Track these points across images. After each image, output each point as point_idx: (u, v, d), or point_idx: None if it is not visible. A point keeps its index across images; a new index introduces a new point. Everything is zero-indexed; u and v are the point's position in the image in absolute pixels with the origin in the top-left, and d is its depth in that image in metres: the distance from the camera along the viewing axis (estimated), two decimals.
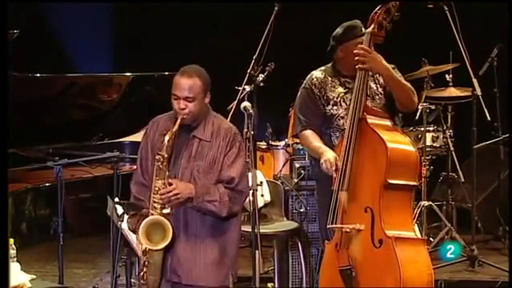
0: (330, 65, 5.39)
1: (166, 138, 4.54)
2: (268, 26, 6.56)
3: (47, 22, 8.92)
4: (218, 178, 4.62)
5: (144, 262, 4.51)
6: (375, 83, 5.30)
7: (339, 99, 5.30)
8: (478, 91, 6.56)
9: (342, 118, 5.27)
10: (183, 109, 4.58)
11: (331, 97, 5.31)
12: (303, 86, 5.39)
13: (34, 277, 5.16)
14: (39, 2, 8.81)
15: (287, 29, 7.11)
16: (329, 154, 5.06)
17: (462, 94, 7.27)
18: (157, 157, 4.55)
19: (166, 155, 4.53)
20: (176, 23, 8.83)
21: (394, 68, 5.36)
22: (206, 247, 4.62)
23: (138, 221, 4.62)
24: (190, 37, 8.79)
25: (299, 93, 5.42)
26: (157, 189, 4.53)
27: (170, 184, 4.52)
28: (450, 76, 7.36)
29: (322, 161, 5.07)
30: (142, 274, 4.52)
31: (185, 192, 4.52)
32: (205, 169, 4.61)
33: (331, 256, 5.08)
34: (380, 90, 5.31)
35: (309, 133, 5.30)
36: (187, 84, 4.58)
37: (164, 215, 4.52)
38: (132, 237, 5.01)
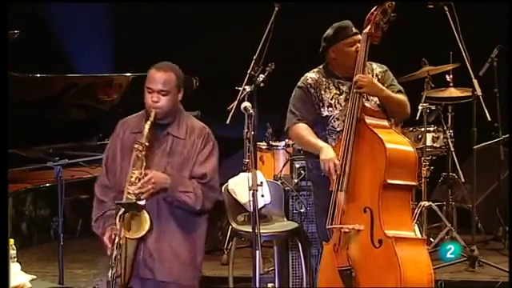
0: (322, 66, 5.40)
1: (146, 126, 4.56)
2: (268, 26, 6.56)
3: (47, 22, 8.91)
4: (190, 174, 4.65)
5: (115, 256, 4.50)
6: None
7: (334, 100, 5.30)
8: (479, 92, 6.56)
9: (338, 119, 5.27)
10: (156, 101, 4.61)
11: (326, 98, 5.31)
12: (298, 85, 5.39)
13: (34, 277, 5.16)
14: (39, 2, 8.81)
15: (287, 29, 7.10)
16: (329, 153, 5.06)
17: (463, 95, 7.26)
18: (135, 145, 4.55)
19: (145, 143, 4.55)
20: (176, 23, 8.83)
21: (386, 70, 5.37)
22: (178, 244, 4.64)
23: (103, 223, 4.64)
24: (189, 37, 8.79)
25: (294, 92, 5.41)
26: (133, 179, 4.53)
27: (146, 175, 4.53)
28: (451, 76, 7.36)
29: (322, 158, 5.06)
30: (114, 269, 4.51)
31: (161, 181, 4.54)
32: (178, 165, 4.64)
33: (330, 257, 5.08)
34: None
35: (304, 126, 5.29)
36: (162, 77, 4.63)
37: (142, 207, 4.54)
38: None
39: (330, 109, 5.30)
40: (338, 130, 5.24)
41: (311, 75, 5.37)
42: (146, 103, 4.66)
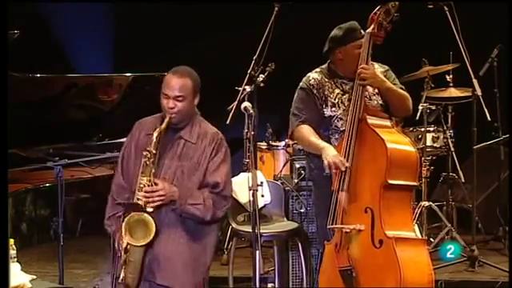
0: (325, 66, 5.39)
1: (155, 134, 4.56)
2: (268, 26, 6.56)
3: (47, 22, 8.91)
4: (202, 182, 4.64)
5: (124, 260, 4.50)
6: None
7: (337, 100, 5.30)
8: (479, 91, 6.56)
9: (341, 119, 5.26)
10: (172, 108, 4.61)
11: (329, 98, 5.31)
12: (301, 86, 5.38)
13: (34, 277, 5.15)
14: (39, 2, 8.81)
15: (287, 29, 7.10)
16: (331, 151, 5.05)
17: (463, 95, 7.27)
18: (144, 152, 4.56)
19: (153, 151, 4.55)
20: (176, 23, 8.83)
21: (388, 70, 5.38)
22: (184, 249, 4.63)
23: (116, 222, 4.65)
24: (189, 37, 8.79)
25: (296, 93, 5.41)
26: (141, 186, 4.54)
27: (156, 184, 4.53)
28: (451, 76, 7.36)
29: (326, 158, 5.04)
30: (120, 272, 4.51)
31: (169, 193, 4.54)
32: (189, 170, 4.64)
33: (331, 256, 5.09)
34: (376, 90, 5.30)
35: (306, 127, 5.28)
36: (178, 83, 4.63)
37: (147, 213, 4.53)
38: None
39: (334, 109, 5.30)
40: (342, 129, 5.24)
41: (314, 76, 5.37)
42: (163, 108, 4.66)
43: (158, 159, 4.60)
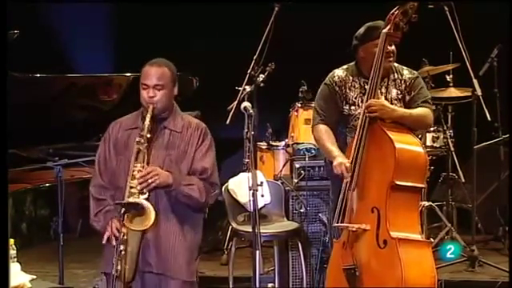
0: (353, 63, 5.42)
1: (147, 119, 4.58)
2: (268, 26, 6.56)
3: (47, 22, 8.91)
4: (189, 169, 4.66)
5: (120, 251, 4.50)
6: (396, 88, 5.33)
7: (357, 99, 5.32)
8: (479, 91, 6.56)
9: (359, 118, 5.26)
10: (153, 96, 4.63)
11: (350, 96, 5.34)
12: (325, 82, 5.43)
13: (35, 277, 5.15)
14: (39, 2, 8.80)
15: (287, 29, 7.10)
16: (341, 159, 5.08)
17: (463, 95, 7.27)
18: (137, 139, 4.57)
19: (147, 135, 4.57)
20: (176, 23, 8.82)
21: (416, 77, 5.39)
22: (176, 240, 4.64)
23: (104, 218, 4.66)
24: (190, 37, 8.79)
25: (320, 88, 5.45)
26: (135, 173, 4.54)
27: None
28: (451, 76, 7.36)
29: (335, 164, 5.08)
30: (116, 265, 4.50)
31: (163, 175, 4.55)
32: (176, 158, 4.65)
33: (337, 255, 5.10)
34: (400, 96, 5.32)
35: (325, 129, 5.32)
36: (157, 72, 4.67)
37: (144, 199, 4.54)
38: None
39: (353, 107, 5.33)
40: None
41: (339, 73, 5.40)
42: (143, 100, 4.68)
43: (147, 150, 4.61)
